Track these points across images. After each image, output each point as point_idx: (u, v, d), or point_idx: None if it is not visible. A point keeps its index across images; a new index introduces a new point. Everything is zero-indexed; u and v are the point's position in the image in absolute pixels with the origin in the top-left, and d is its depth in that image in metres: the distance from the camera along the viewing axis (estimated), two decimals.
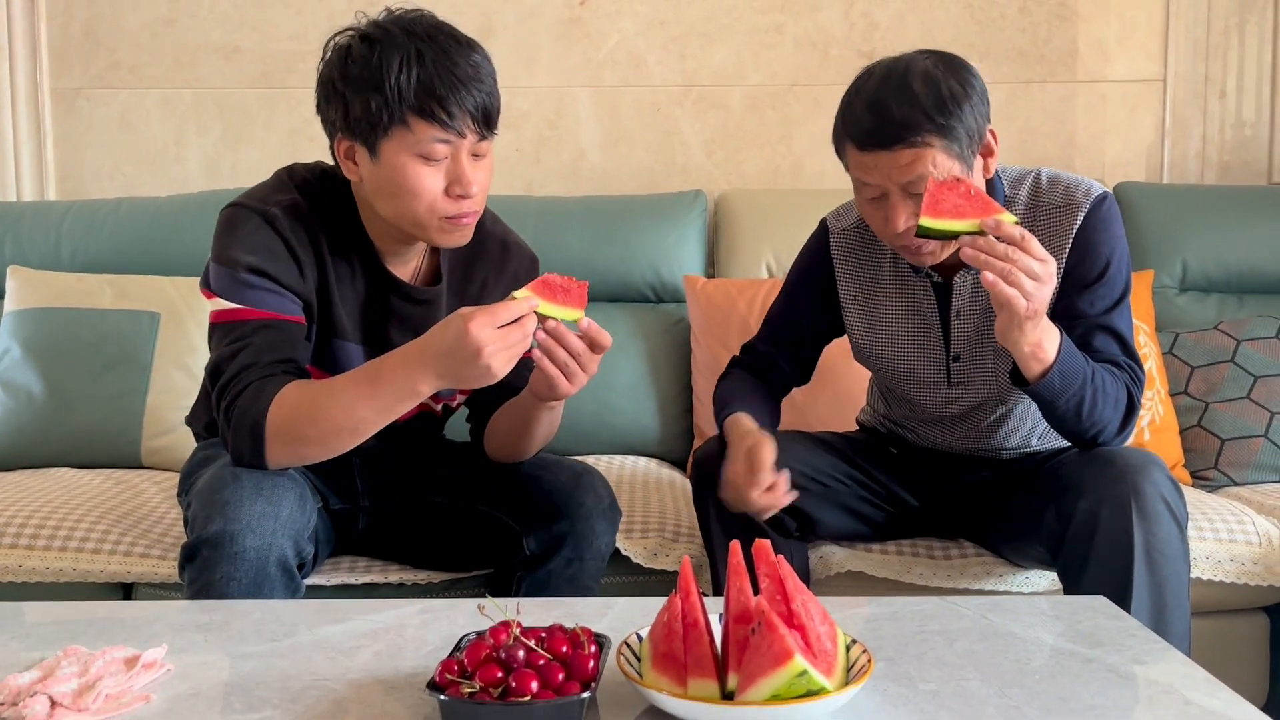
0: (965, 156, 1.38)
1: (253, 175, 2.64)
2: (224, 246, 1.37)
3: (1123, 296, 1.49)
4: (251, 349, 1.32)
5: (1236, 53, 2.62)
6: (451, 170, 1.34)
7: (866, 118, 1.38)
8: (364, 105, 1.30)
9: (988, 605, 1.19)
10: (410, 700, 0.94)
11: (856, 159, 1.41)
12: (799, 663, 0.84)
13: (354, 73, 1.31)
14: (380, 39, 1.31)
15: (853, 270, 1.62)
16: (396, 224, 1.38)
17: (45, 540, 1.69)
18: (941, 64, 1.39)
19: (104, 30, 2.63)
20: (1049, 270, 1.30)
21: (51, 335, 2.18)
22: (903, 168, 1.36)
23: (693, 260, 2.40)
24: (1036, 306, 1.30)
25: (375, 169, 1.34)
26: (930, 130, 1.35)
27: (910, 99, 1.35)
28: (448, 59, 1.30)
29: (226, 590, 1.26)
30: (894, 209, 1.40)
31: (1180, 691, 0.96)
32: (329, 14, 2.61)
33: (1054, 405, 1.40)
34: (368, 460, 1.51)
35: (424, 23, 1.33)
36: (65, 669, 0.97)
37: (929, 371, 1.59)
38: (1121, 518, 1.35)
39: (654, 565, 1.67)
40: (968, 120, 1.37)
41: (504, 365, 1.22)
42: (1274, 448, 2.04)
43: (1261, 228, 2.36)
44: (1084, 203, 1.49)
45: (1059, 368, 1.35)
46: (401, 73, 1.28)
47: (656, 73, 2.62)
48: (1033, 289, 1.28)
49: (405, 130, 1.30)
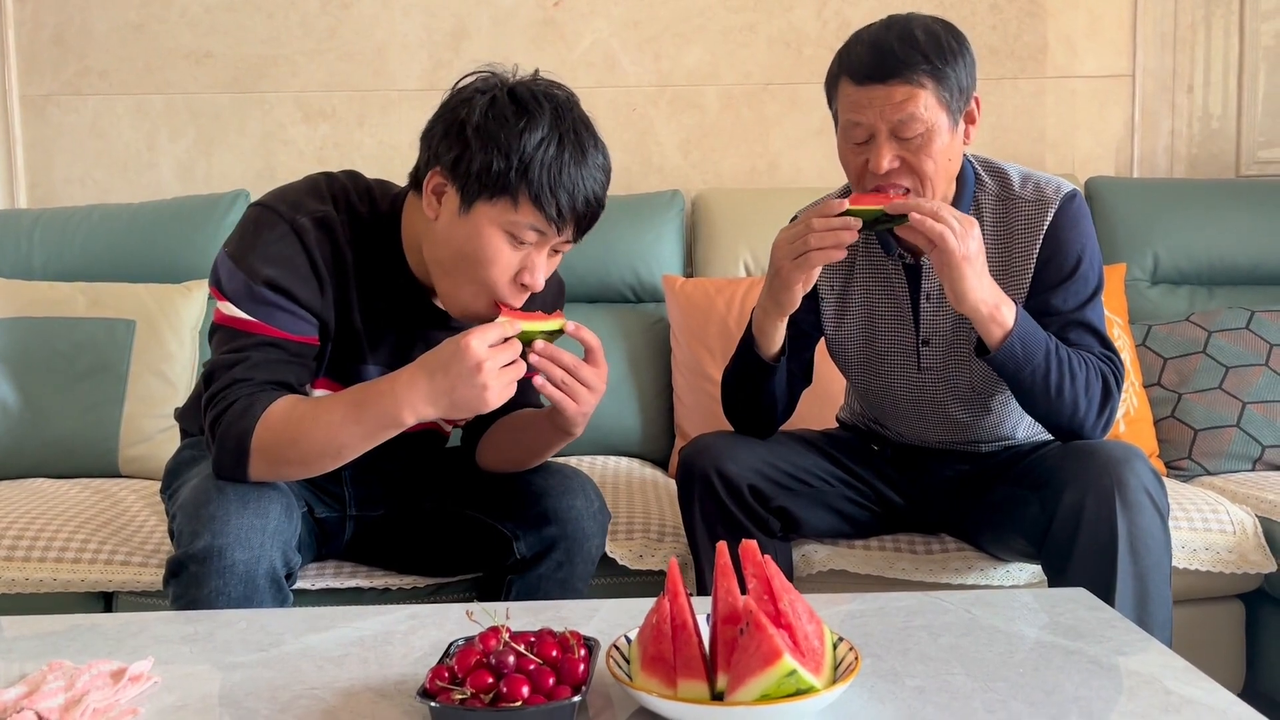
0: (953, 110, 1.43)
1: (227, 180, 2.65)
2: (244, 250, 1.33)
3: (1095, 292, 1.51)
4: (249, 363, 1.30)
5: (1203, 47, 2.66)
6: (529, 258, 1.31)
7: (868, 54, 1.42)
8: (485, 162, 1.26)
9: (971, 600, 1.21)
10: (401, 707, 0.94)
11: (851, 96, 1.44)
12: (788, 662, 0.85)
13: (490, 128, 1.26)
14: (531, 108, 1.27)
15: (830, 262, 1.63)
16: (435, 271, 1.35)
17: (24, 551, 1.68)
18: (940, 23, 1.45)
19: (73, 36, 2.60)
20: (972, 226, 1.37)
21: (25, 345, 2.16)
22: (896, 104, 1.40)
23: (671, 260, 2.41)
24: (966, 251, 1.36)
25: (458, 221, 1.30)
26: (926, 71, 1.40)
27: (911, 40, 1.41)
28: (583, 158, 1.28)
29: (215, 605, 1.25)
30: (879, 149, 1.42)
31: (1161, 681, 0.97)
32: (301, 18, 2.60)
33: (1019, 376, 1.43)
34: (359, 471, 1.50)
35: (572, 112, 1.30)
36: (51, 684, 0.96)
37: (898, 355, 1.60)
38: (1106, 509, 1.37)
39: (640, 566, 1.68)
40: (960, 75, 1.42)
41: (499, 391, 1.21)
42: (1246, 437, 2.07)
43: (1230, 220, 2.39)
44: (1054, 200, 1.51)
45: (1018, 333, 1.40)
46: (538, 152, 1.25)
47: (631, 73, 2.62)
48: (960, 230, 1.35)
49: (510, 205, 1.27)
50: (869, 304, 1.61)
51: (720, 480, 1.55)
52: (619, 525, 1.72)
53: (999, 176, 1.56)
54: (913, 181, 1.44)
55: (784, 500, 1.59)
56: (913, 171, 1.43)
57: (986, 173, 1.57)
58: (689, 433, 2.15)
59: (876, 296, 1.61)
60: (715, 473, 1.55)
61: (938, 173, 1.44)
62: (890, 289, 1.60)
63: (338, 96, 2.62)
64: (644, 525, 1.74)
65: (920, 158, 1.42)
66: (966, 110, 1.46)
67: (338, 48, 2.61)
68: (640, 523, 1.74)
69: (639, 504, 1.84)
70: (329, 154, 2.61)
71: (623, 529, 1.72)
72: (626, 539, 1.70)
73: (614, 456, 2.23)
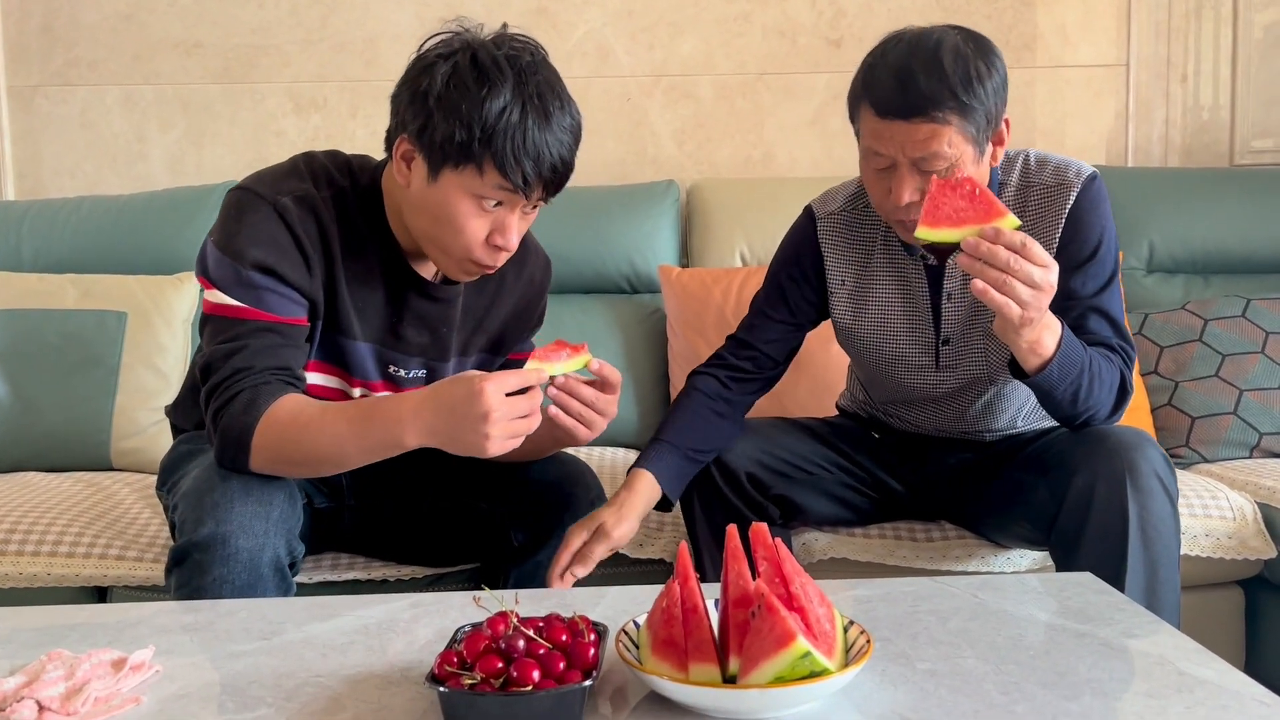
0: (980, 141, 1.37)
1: (217, 171, 2.62)
2: (229, 235, 1.31)
3: (1113, 276, 1.49)
4: (248, 351, 1.29)
5: (1196, 37, 2.66)
6: (500, 220, 1.30)
7: (891, 84, 1.34)
8: (447, 131, 1.24)
9: (977, 584, 1.20)
10: (408, 694, 0.93)
11: (872, 126, 1.38)
12: (802, 644, 0.84)
13: (452, 97, 1.24)
14: (492, 75, 1.24)
15: (842, 254, 1.61)
16: (419, 240, 1.35)
17: (17, 545, 1.66)
18: (971, 41, 1.36)
19: (62, 26, 2.57)
20: (1049, 278, 1.25)
21: (15, 337, 2.14)
22: (919, 142, 1.34)
23: (667, 250, 2.40)
24: (1032, 315, 1.26)
25: (428, 189, 1.29)
26: (952, 108, 1.32)
27: (939, 73, 1.32)
28: (546, 123, 1.25)
29: (219, 593, 1.23)
30: (900, 181, 1.37)
31: (1173, 663, 0.97)
32: (292, 7, 2.57)
33: (1051, 394, 1.38)
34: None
35: (537, 75, 1.27)
36: (51, 673, 0.95)
37: (917, 354, 1.58)
38: (1117, 493, 1.36)
39: (640, 555, 1.67)
40: (988, 103, 1.35)
41: (500, 443, 1.17)
42: (1243, 424, 2.07)
43: (1225, 209, 2.40)
44: (1075, 183, 1.49)
45: (1058, 360, 1.33)
46: (499, 120, 1.23)
47: (625, 63, 2.61)
48: (1029, 296, 1.24)
49: (475, 171, 1.26)
50: (887, 302, 1.58)
51: (718, 469, 1.54)
52: None
53: (1018, 166, 1.53)
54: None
55: (783, 488, 1.58)
56: None
57: (1005, 168, 1.53)
58: None
59: (895, 295, 1.57)
60: (713, 462, 1.54)
61: None
62: (909, 288, 1.56)
63: (329, 87, 2.60)
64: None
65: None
66: (996, 133, 1.40)
67: (329, 38, 2.59)
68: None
69: None
70: (321, 145, 2.53)
71: None
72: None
73: (610, 447, 2.22)
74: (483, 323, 1.50)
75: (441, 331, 1.45)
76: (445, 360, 1.47)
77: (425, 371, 1.46)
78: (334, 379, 1.42)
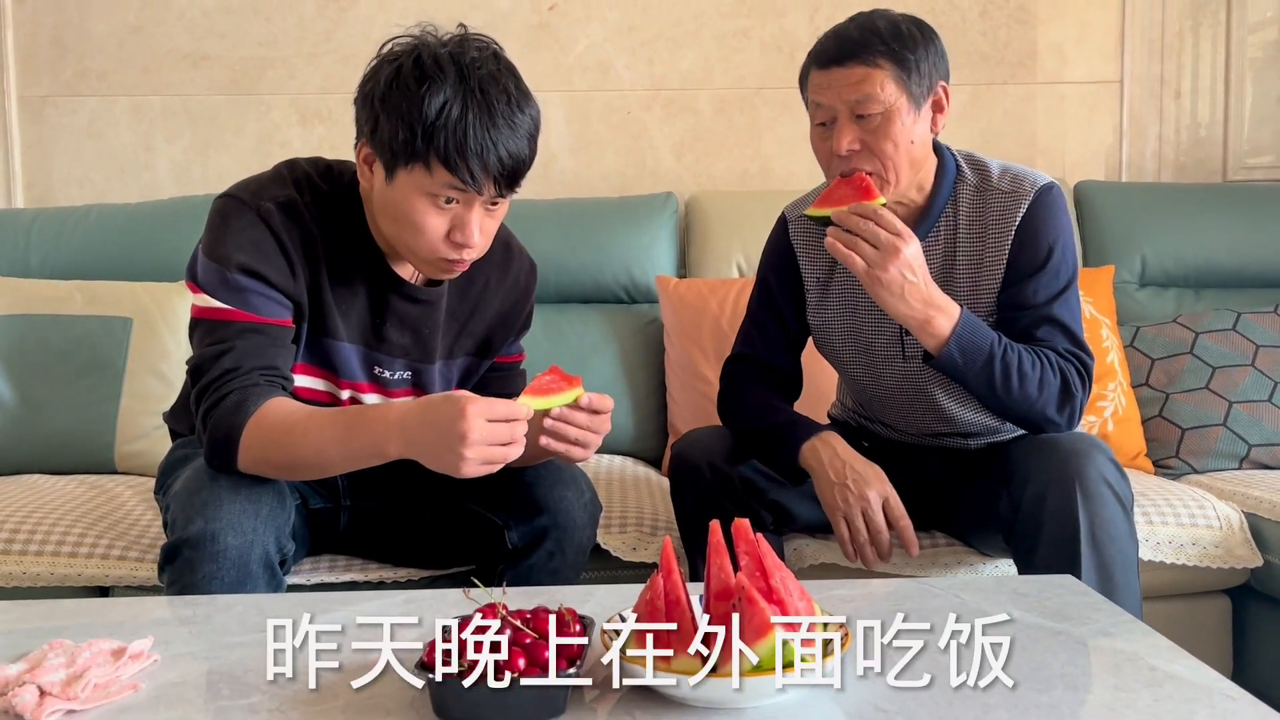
0: (915, 96, 1.46)
1: (223, 182, 2.62)
2: (215, 241, 1.35)
3: (1067, 286, 1.52)
4: (235, 353, 1.32)
5: (1191, 54, 2.70)
6: (459, 217, 1.32)
7: (829, 40, 1.49)
8: (393, 131, 1.27)
9: (959, 585, 1.23)
10: (397, 682, 0.95)
11: (815, 81, 1.50)
12: (780, 633, 0.86)
13: (394, 97, 1.26)
14: (432, 73, 1.26)
15: (812, 252, 1.66)
16: (392, 241, 1.38)
17: (20, 545, 1.69)
18: (908, 17, 1.50)
19: (72, 38, 2.62)
20: (894, 243, 1.40)
21: (22, 342, 2.17)
22: (853, 84, 1.45)
23: (665, 261, 2.43)
24: (879, 273, 1.40)
25: (386, 190, 1.32)
26: (883, 52, 1.44)
27: (872, 26, 1.47)
28: (489, 117, 1.26)
29: (209, 589, 1.26)
30: (840, 130, 1.47)
31: (1145, 659, 0.99)
32: (299, 20, 2.62)
33: (964, 381, 1.47)
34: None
35: (481, 70, 1.28)
36: (52, 660, 0.97)
37: (884, 344, 1.61)
38: (1067, 501, 1.39)
39: (634, 559, 1.70)
40: (921, 61, 1.46)
41: (473, 466, 1.18)
42: (1233, 436, 2.10)
43: (1217, 224, 2.42)
44: (1029, 192, 1.53)
45: (956, 343, 1.43)
46: (439, 118, 1.24)
47: (625, 77, 2.65)
48: (872, 255, 1.40)
49: (424, 170, 1.28)
50: (852, 293, 1.63)
51: (712, 473, 1.56)
52: (612, 518, 1.74)
53: (980, 169, 1.58)
54: (874, 164, 1.47)
55: (776, 494, 1.61)
56: (873, 154, 1.46)
57: (969, 166, 1.59)
58: (681, 430, 2.17)
59: (859, 285, 1.60)
60: (707, 466, 1.57)
61: (898, 155, 1.46)
62: None
63: (334, 99, 2.64)
64: (637, 519, 1.75)
65: (879, 139, 1.45)
66: (934, 99, 1.49)
67: (335, 50, 2.63)
68: (634, 516, 1.76)
69: (632, 499, 1.85)
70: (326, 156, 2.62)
71: (616, 522, 1.74)
72: (620, 531, 1.72)
73: (607, 455, 2.25)
74: (467, 325, 1.53)
75: (424, 333, 1.47)
76: (430, 362, 1.49)
77: (410, 373, 1.48)
78: (322, 381, 1.45)
